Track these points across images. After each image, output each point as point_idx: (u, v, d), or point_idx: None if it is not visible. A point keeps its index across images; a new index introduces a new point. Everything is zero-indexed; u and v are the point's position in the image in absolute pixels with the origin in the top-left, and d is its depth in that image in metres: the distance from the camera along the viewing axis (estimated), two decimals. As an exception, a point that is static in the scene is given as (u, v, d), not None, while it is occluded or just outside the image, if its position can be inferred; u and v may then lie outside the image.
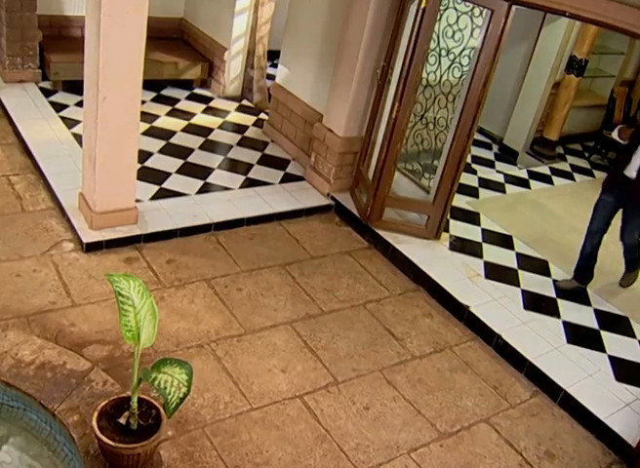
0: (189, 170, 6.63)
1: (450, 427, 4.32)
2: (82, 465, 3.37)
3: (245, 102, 8.62)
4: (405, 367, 4.77)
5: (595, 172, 8.78)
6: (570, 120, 8.73)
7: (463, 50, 5.76)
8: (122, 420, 3.29)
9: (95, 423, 3.24)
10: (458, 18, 5.68)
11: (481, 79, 5.39)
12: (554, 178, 8.30)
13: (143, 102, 7.46)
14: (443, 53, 5.88)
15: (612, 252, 5.99)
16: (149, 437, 3.26)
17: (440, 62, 5.91)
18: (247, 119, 8.16)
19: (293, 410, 4.18)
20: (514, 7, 5.11)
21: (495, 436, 4.33)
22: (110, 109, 4.89)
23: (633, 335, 5.40)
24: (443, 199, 5.92)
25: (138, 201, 5.62)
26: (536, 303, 5.55)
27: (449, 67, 5.90)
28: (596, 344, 5.20)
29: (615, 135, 5.69)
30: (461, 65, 5.81)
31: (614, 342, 5.26)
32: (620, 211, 5.60)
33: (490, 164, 8.31)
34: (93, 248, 5.23)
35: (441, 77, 5.98)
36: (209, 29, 8.73)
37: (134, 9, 4.61)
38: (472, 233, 6.44)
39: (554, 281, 5.90)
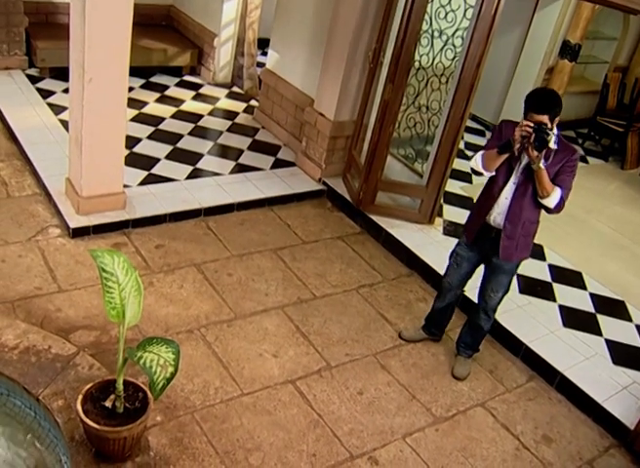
0: (179, 155, 6.51)
1: (445, 411, 4.24)
2: (67, 451, 3.27)
3: (235, 89, 8.51)
4: (399, 351, 4.68)
5: (589, 158, 8.70)
6: (563, 106, 8.60)
7: (456, 31, 5.66)
8: (107, 403, 3.19)
9: (79, 406, 3.14)
10: (450, -2, 5.59)
11: (474, 60, 5.30)
12: (547, 164, 8.20)
13: (132, 89, 7.38)
14: (436, 34, 5.78)
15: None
16: (136, 420, 3.16)
17: (433, 44, 5.82)
18: (237, 106, 8.04)
19: (285, 396, 4.09)
20: (508, -15, 5.03)
21: (491, 420, 4.25)
22: (97, 91, 4.77)
23: (630, 319, 5.34)
24: (436, 183, 5.82)
25: (126, 186, 5.50)
26: (531, 287, 5.47)
27: (441, 49, 5.80)
28: (593, 328, 5.13)
29: (477, 162, 4.02)
30: (454, 47, 5.71)
31: (610, 326, 5.19)
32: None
33: (483, 150, 8.20)
34: (80, 233, 5.12)
35: (434, 59, 5.89)
36: (198, 16, 8.61)
37: (119, -13, 4.51)
38: (466, 218, 6.32)
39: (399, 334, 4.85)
